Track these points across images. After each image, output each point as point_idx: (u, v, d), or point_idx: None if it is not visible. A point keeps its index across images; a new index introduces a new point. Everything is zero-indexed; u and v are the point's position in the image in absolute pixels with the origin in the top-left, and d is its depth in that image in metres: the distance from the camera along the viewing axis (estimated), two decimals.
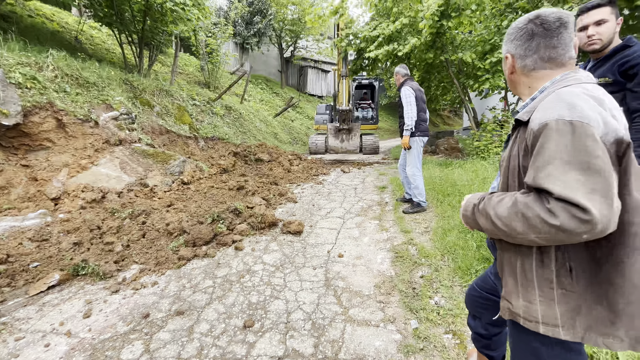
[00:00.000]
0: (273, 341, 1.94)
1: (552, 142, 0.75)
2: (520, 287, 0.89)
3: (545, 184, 0.74)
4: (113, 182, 4.33)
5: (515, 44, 0.96)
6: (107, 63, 6.53)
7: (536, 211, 0.74)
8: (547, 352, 0.90)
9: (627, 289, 0.77)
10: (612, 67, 1.76)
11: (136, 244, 3.08)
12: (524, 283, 0.88)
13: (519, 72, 0.98)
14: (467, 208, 0.97)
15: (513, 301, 0.91)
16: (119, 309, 2.25)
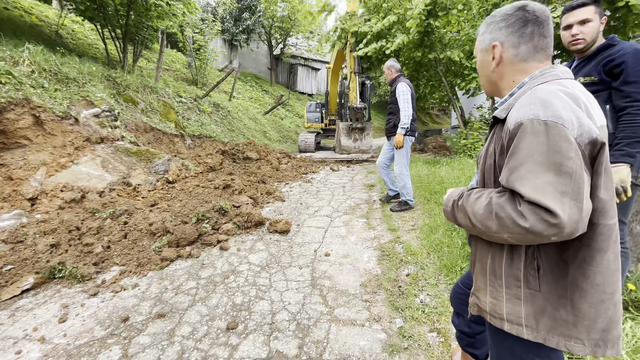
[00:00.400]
0: (257, 343, 1.90)
1: (526, 142, 0.74)
2: (489, 284, 0.90)
3: (516, 186, 0.74)
4: (94, 181, 4.19)
5: (505, 32, 0.91)
6: (89, 58, 6.33)
7: (508, 212, 0.74)
8: (522, 349, 0.89)
9: (589, 290, 0.77)
10: (596, 66, 1.78)
11: (117, 245, 2.99)
12: (492, 280, 0.89)
13: (507, 63, 0.92)
14: (448, 203, 0.96)
15: (481, 297, 0.92)
16: (96, 312, 2.17)
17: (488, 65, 0.97)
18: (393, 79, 3.90)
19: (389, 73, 3.93)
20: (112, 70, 6.25)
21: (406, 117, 3.68)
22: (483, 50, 0.98)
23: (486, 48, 0.97)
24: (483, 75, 1.01)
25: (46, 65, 4.68)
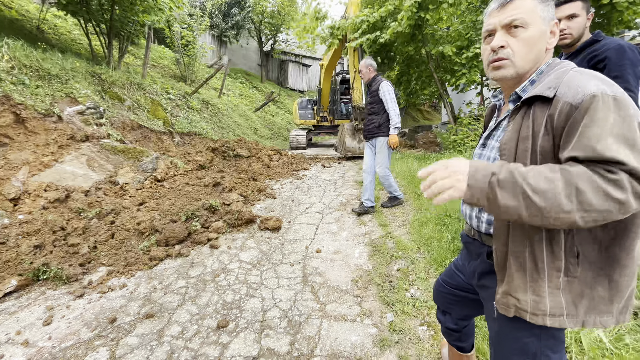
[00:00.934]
0: (248, 341, 1.89)
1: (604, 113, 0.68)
2: (530, 281, 0.82)
3: (616, 155, 0.65)
4: (79, 181, 4.09)
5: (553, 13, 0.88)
6: (72, 54, 6.14)
7: (598, 183, 0.64)
8: (536, 345, 0.88)
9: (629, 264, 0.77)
10: (582, 62, 1.80)
11: (104, 245, 2.93)
12: (534, 276, 0.81)
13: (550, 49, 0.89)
14: (477, 177, 0.73)
15: (520, 297, 0.83)
16: (83, 314, 2.13)
17: (545, 40, 0.86)
18: (372, 78, 3.69)
19: (367, 72, 3.70)
20: (97, 67, 6.09)
21: (397, 117, 3.52)
22: (546, 20, 0.85)
23: (549, 21, 0.86)
24: (536, 47, 0.86)
25: (27, 61, 4.53)
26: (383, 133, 3.61)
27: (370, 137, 3.73)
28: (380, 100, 3.57)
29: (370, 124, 3.70)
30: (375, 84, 3.62)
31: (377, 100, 3.59)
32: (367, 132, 3.73)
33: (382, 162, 3.68)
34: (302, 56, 22.09)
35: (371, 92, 3.65)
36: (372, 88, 3.63)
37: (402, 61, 8.66)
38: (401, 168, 5.94)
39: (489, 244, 0.97)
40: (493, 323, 0.97)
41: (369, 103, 3.70)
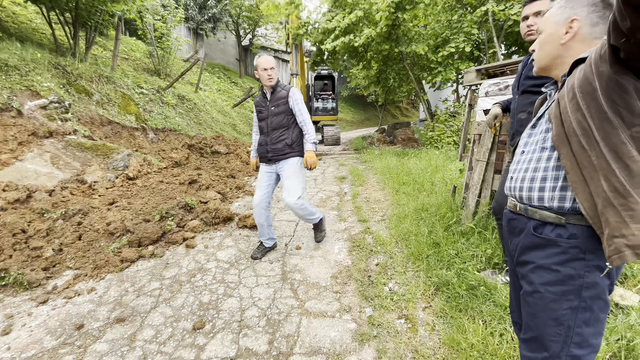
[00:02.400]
0: (225, 342, 1.85)
1: None
2: (623, 211, 0.77)
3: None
4: (43, 179, 3.84)
5: (588, 10, 0.93)
6: (32, 44, 5.74)
7: None
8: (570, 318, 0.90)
9: None
10: None
11: (70, 248, 2.77)
12: (623, 203, 0.76)
13: (579, 39, 0.95)
14: None
15: (625, 232, 0.77)
16: (46, 321, 2.00)
17: (558, 39, 0.98)
18: (277, 82, 2.68)
19: (273, 73, 2.61)
20: (61, 58, 5.72)
21: (313, 129, 2.73)
22: (557, 22, 0.98)
23: (562, 21, 0.97)
24: (548, 48, 1.00)
25: None
26: (296, 152, 2.70)
27: (277, 159, 2.69)
28: (290, 111, 2.67)
29: (277, 142, 2.66)
30: (281, 89, 2.66)
31: (286, 111, 2.66)
32: (274, 154, 2.67)
33: (296, 189, 2.69)
34: (282, 51, 21.83)
35: (276, 100, 2.64)
36: (277, 95, 2.65)
37: (380, 59, 8.76)
38: (380, 164, 6.02)
39: (535, 217, 0.98)
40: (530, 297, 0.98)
41: (274, 114, 2.65)
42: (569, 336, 0.91)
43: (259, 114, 2.74)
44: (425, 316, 1.99)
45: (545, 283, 0.94)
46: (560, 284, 0.91)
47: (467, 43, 6.88)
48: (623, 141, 0.78)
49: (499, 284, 2.05)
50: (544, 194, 0.96)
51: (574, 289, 0.89)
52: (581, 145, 0.84)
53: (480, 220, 2.65)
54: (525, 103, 2.00)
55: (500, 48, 6.81)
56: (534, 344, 0.99)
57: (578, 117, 0.85)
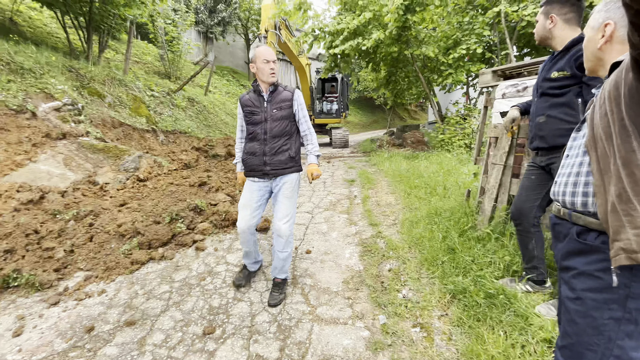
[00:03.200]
0: (235, 348, 1.81)
1: None
2: (623, 215, 0.79)
3: None
4: (56, 181, 3.88)
5: (621, 12, 0.94)
6: (47, 48, 5.85)
7: None
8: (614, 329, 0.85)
9: None
10: (569, 61, 1.80)
11: (82, 249, 2.77)
12: (624, 209, 0.79)
13: (618, 41, 0.95)
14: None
15: (622, 236, 0.79)
16: (57, 323, 1.99)
17: (595, 43, 1.00)
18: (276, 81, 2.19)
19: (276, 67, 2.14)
20: (75, 61, 5.82)
21: (316, 139, 2.31)
22: (593, 27, 1.01)
23: (597, 26, 1.00)
24: (589, 51, 1.03)
25: None
26: (297, 167, 2.25)
27: (277, 173, 2.19)
28: (293, 117, 2.21)
29: (278, 153, 2.16)
30: (282, 88, 2.22)
31: (289, 116, 2.19)
32: (273, 167, 2.16)
33: (292, 213, 2.24)
34: None
35: (277, 102, 2.17)
36: (279, 95, 2.18)
37: (389, 62, 8.69)
38: (390, 167, 5.95)
39: (578, 222, 0.97)
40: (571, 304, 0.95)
41: (275, 119, 2.15)
42: (609, 348, 0.87)
43: (252, 116, 2.16)
44: (442, 325, 1.92)
45: (588, 289, 0.91)
46: (603, 292, 0.87)
47: (478, 45, 6.78)
48: (633, 149, 0.78)
49: (519, 293, 1.96)
50: (588, 199, 0.94)
51: (618, 297, 0.85)
52: (604, 150, 0.85)
53: (497, 225, 2.57)
54: (543, 106, 1.93)
55: (513, 50, 6.69)
56: (570, 352, 0.96)
57: (604, 122, 0.85)
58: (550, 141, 1.90)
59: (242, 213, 2.21)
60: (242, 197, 2.25)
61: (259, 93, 2.18)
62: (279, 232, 2.18)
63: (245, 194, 2.24)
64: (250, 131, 2.20)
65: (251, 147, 2.19)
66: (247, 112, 2.19)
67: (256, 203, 2.22)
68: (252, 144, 2.20)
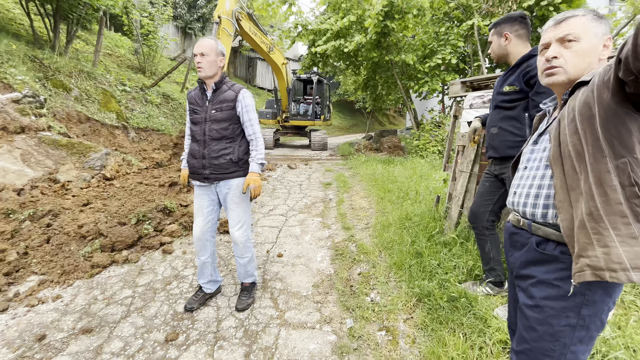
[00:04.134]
0: (199, 354, 1.76)
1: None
2: (592, 233, 0.80)
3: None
4: (11, 177, 3.63)
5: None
6: (8, 35, 5.47)
7: None
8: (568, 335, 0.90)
9: None
10: (518, 76, 1.90)
11: (37, 251, 2.61)
12: (593, 227, 0.80)
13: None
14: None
15: (590, 253, 0.80)
16: (4, 332, 1.85)
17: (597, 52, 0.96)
18: (221, 76, 2.00)
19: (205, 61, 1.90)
20: (39, 51, 5.48)
21: (263, 145, 2.09)
22: (599, 35, 0.95)
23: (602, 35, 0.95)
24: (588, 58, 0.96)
25: None
26: (243, 171, 2.06)
27: (217, 178, 2.02)
28: (237, 118, 2.01)
29: (217, 157, 1.99)
30: (227, 86, 2.01)
31: (231, 118, 1.99)
32: (213, 170, 2.00)
33: (246, 219, 2.13)
34: None
35: (219, 102, 1.97)
36: (222, 95, 1.98)
37: (369, 66, 8.85)
38: (366, 171, 6.03)
39: (538, 233, 0.98)
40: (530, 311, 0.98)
41: (215, 120, 1.97)
42: (563, 353, 0.92)
43: (194, 114, 2.01)
44: (407, 328, 1.96)
45: (546, 297, 0.94)
46: (561, 300, 0.91)
47: (453, 55, 7.04)
48: (608, 170, 0.80)
49: (479, 296, 2.05)
50: (548, 211, 0.97)
51: (574, 305, 0.90)
52: (573, 167, 0.87)
53: (463, 231, 2.67)
54: (496, 118, 2.04)
55: (485, 62, 7.01)
56: (527, 357, 0.99)
57: (574, 140, 0.87)
58: (500, 152, 2.00)
59: (196, 220, 2.12)
60: (194, 203, 2.16)
61: (202, 90, 2.01)
62: (234, 239, 2.14)
63: (195, 199, 2.14)
64: (191, 131, 2.06)
65: (192, 149, 2.06)
66: (190, 110, 2.04)
67: (207, 208, 2.12)
68: (192, 144, 2.06)
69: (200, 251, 2.14)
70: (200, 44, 1.90)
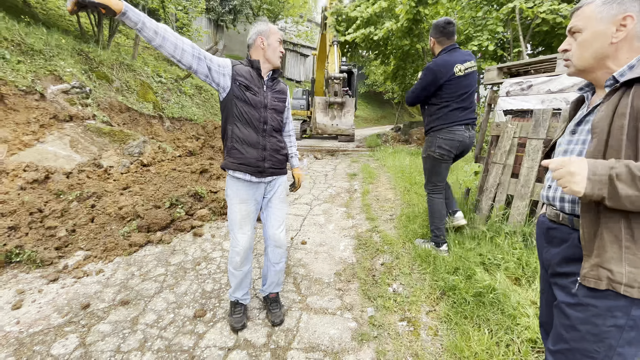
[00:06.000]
0: (224, 332, 1.85)
1: None
2: (626, 252, 0.81)
3: None
4: (62, 162, 3.96)
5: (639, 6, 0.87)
6: (58, 30, 5.90)
7: None
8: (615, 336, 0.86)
9: None
10: None
11: (83, 229, 2.84)
12: (630, 247, 0.81)
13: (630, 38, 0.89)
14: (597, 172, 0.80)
15: (614, 268, 0.82)
16: (55, 299, 2.06)
17: (606, 38, 0.90)
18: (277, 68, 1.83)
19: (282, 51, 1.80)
20: (85, 45, 5.87)
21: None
22: (604, 20, 0.90)
23: (611, 18, 0.89)
24: (593, 47, 0.92)
25: (8, 35, 4.32)
26: (286, 168, 1.95)
27: (274, 173, 1.84)
28: (284, 111, 1.90)
29: (277, 150, 1.83)
30: (279, 78, 1.89)
31: (283, 109, 1.88)
32: (272, 164, 1.80)
33: (285, 219, 1.97)
34: (301, 45, 21.74)
35: (277, 91, 1.84)
36: (279, 85, 1.86)
37: (398, 55, 8.56)
38: (393, 162, 5.91)
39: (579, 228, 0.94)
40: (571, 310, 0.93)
41: (274, 109, 1.81)
42: (609, 356, 0.86)
43: (247, 91, 1.70)
44: (429, 320, 1.93)
45: (590, 296, 0.88)
46: (607, 298, 0.85)
47: (490, 41, 6.62)
48: None
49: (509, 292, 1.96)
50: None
51: (623, 305, 0.83)
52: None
53: (493, 225, 2.55)
54: None
55: (527, 48, 6.53)
56: (565, 357, 0.94)
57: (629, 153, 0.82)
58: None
59: (244, 229, 1.81)
60: (238, 210, 1.77)
61: (258, 72, 1.74)
62: (277, 242, 1.90)
63: (241, 206, 1.77)
64: (244, 111, 1.69)
65: (248, 135, 1.71)
66: (242, 85, 1.68)
67: (254, 213, 1.85)
68: (248, 130, 1.71)
69: (245, 262, 1.86)
70: (277, 30, 1.77)
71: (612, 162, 0.80)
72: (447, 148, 2.41)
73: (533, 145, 2.40)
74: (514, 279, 2.18)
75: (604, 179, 0.79)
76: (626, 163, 0.78)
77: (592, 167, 0.81)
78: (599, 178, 0.79)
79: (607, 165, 0.79)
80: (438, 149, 2.43)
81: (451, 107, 2.38)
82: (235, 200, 1.77)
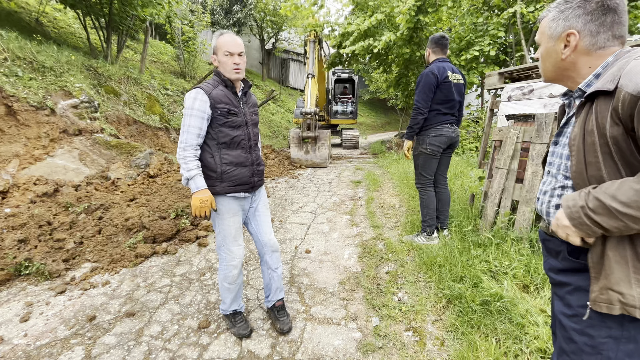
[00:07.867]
0: (228, 343, 1.84)
1: None
2: (634, 273, 0.78)
3: None
4: (71, 175, 4.05)
5: (584, 19, 0.86)
6: (69, 47, 6.10)
7: None
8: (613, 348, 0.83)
9: None
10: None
11: (90, 241, 2.89)
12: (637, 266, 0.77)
13: (582, 52, 0.89)
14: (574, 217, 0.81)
15: (624, 290, 0.78)
16: (62, 311, 2.08)
17: (557, 54, 0.93)
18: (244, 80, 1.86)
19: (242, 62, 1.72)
20: (94, 60, 6.04)
21: None
22: (553, 37, 0.93)
23: (557, 35, 0.92)
24: (549, 62, 0.96)
25: (21, 53, 4.48)
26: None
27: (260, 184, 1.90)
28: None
29: (260, 163, 1.90)
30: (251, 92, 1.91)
31: (258, 121, 1.93)
32: (258, 177, 1.88)
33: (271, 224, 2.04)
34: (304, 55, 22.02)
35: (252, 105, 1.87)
36: (252, 99, 1.89)
37: (400, 62, 8.62)
38: (397, 169, 5.90)
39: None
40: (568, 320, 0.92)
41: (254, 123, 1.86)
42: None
43: (231, 116, 1.70)
44: (435, 330, 1.90)
45: (584, 306, 0.87)
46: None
47: (492, 46, 6.63)
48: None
49: (516, 300, 1.92)
50: None
51: (615, 316, 0.81)
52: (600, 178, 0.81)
53: (499, 231, 2.52)
54: None
55: (529, 52, 6.52)
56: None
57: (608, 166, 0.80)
58: None
59: (238, 240, 1.83)
60: (231, 223, 1.78)
61: (233, 90, 1.73)
62: (273, 247, 1.95)
63: (234, 219, 1.80)
64: (229, 136, 1.70)
65: (237, 156, 1.75)
66: (223, 112, 1.67)
67: (242, 223, 1.89)
68: (236, 152, 1.74)
69: (239, 275, 1.87)
70: (236, 41, 1.66)
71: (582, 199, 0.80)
72: (437, 144, 2.77)
73: (537, 149, 2.38)
74: (522, 286, 2.13)
75: (583, 221, 0.79)
76: (595, 195, 0.77)
77: (568, 213, 0.83)
78: (579, 221, 0.80)
79: (578, 205, 0.80)
80: (429, 145, 2.78)
81: (440, 111, 2.73)
82: (227, 215, 1.78)
